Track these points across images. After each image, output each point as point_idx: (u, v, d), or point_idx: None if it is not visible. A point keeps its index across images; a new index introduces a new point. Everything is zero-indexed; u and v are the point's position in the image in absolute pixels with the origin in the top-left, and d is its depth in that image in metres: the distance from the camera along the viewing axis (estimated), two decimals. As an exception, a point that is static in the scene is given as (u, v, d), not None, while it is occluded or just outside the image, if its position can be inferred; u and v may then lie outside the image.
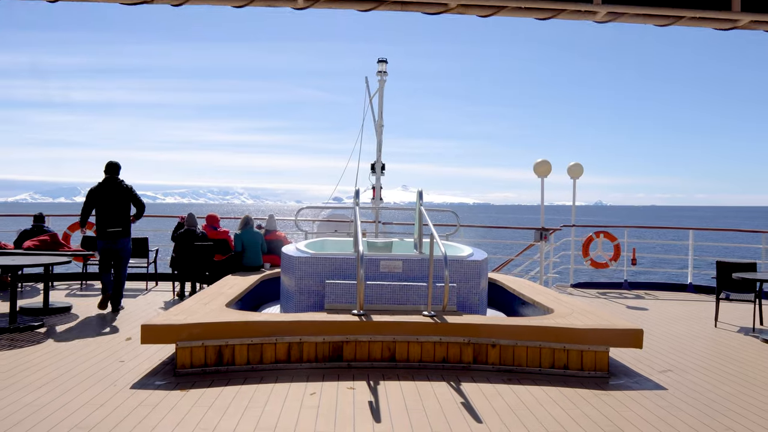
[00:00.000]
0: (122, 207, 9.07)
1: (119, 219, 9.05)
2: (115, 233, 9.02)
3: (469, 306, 7.18)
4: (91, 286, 11.45)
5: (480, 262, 7.28)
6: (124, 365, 6.10)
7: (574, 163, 12.73)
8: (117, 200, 9.03)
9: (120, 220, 9.05)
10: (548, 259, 12.54)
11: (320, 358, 6.01)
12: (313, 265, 7.13)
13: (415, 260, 7.18)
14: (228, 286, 8.39)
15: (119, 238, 9.08)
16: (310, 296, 7.11)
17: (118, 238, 9.07)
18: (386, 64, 12.61)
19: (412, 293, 6.84)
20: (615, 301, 11.11)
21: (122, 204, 9.07)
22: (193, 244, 10.17)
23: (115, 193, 9.05)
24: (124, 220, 9.09)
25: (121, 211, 9.07)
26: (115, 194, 9.05)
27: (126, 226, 9.12)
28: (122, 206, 9.07)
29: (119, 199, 9.04)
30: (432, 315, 6.34)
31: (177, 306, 6.64)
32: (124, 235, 9.12)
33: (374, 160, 12.85)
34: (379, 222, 12.60)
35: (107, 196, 9.02)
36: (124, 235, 9.13)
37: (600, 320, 6.37)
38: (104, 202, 9.00)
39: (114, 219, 9.01)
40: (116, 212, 9.03)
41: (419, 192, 7.69)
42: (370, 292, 6.82)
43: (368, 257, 7.15)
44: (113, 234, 9.01)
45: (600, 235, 12.63)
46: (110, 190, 9.05)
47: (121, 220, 9.06)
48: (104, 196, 9.02)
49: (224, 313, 6.26)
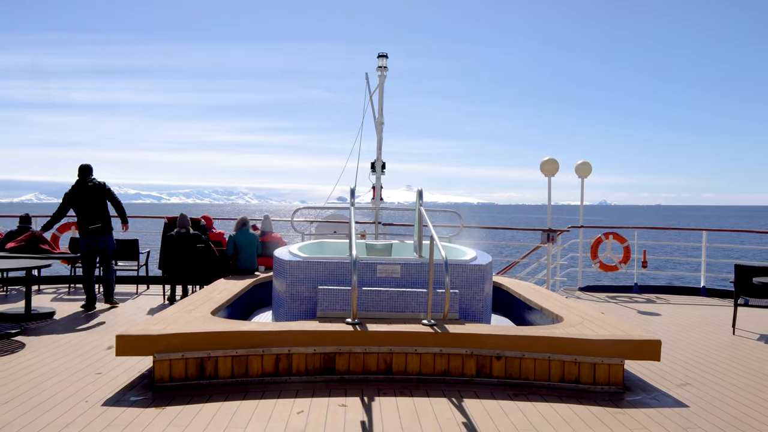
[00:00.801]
0: (98, 204, 9.27)
1: (98, 216, 9.25)
2: (96, 230, 9.22)
3: (472, 313, 6.71)
4: (80, 289, 11.01)
5: (484, 267, 6.81)
6: (101, 378, 5.66)
7: (582, 162, 12.24)
8: (92, 198, 9.23)
9: (99, 217, 9.25)
10: (555, 262, 12.05)
11: (311, 371, 5.56)
12: (305, 270, 6.67)
13: (414, 264, 6.71)
14: (218, 290, 7.95)
15: (101, 235, 9.27)
16: (302, 303, 6.65)
17: (100, 235, 9.26)
18: (386, 59, 12.15)
19: (411, 300, 6.38)
20: (625, 306, 10.63)
21: (98, 201, 9.26)
22: (184, 246, 9.73)
23: (90, 192, 9.25)
24: (102, 216, 9.29)
25: (98, 208, 9.26)
26: (90, 193, 9.25)
27: (105, 222, 9.31)
28: (98, 204, 9.27)
29: (94, 197, 9.24)
30: (432, 324, 5.88)
31: (158, 314, 6.20)
32: (105, 232, 9.31)
33: (374, 159, 12.39)
34: (379, 223, 12.13)
35: (82, 195, 9.23)
36: (106, 232, 9.32)
37: (614, 330, 5.90)
38: (81, 202, 9.21)
39: (93, 216, 9.22)
40: (93, 210, 9.23)
41: (419, 191, 7.20)
42: (366, 299, 6.36)
43: (364, 261, 6.69)
44: (95, 231, 9.21)
45: (609, 236, 12.14)
46: (84, 189, 9.25)
47: (99, 216, 9.26)
48: (79, 196, 9.23)
49: (208, 322, 5.81)
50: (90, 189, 9.23)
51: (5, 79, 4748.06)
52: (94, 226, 9.20)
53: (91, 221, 9.19)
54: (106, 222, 9.32)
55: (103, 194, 9.29)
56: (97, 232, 9.24)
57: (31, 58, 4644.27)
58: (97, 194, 9.24)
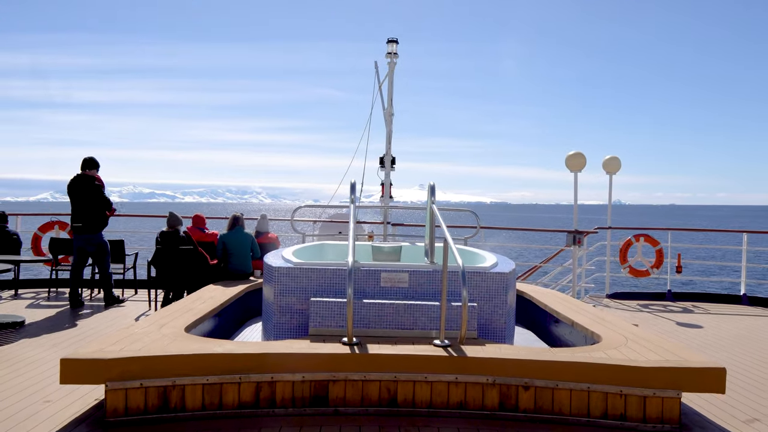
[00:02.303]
0: (86, 202, 8.98)
1: (83, 214, 8.98)
2: (77, 228, 9.03)
3: (493, 330, 5.70)
4: (62, 294, 10.12)
5: (507, 275, 5.79)
6: (48, 408, 4.72)
7: (611, 157, 11.17)
8: (82, 195, 8.98)
9: (83, 216, 8.98)
10: (581, 266, 10.99)
11: (298, 402, 4.58)
12: (296, 278, 5.68)
13: (424, 272, 5.71)
14: (202, 299, 7.01)
15: (83, 233, 9.02)
16: (293, 317, 5.67)
17: (82, 233, 9.03)
18: (397, 45, 11.17)
19: (421, 315, 5.38)
20: (660, 316, 9.57)
21: (86, 199, 8.98)
22: (173, 247, 8.78)
23: (81, 189, 9.00)
24: (87, 214, 8.98)
25: (85, 205, 8.98)
26: (81, 189, 9.01)
27: (88, 222, 8.99)
28: (86, 201, 8.98)
29: (84, 194, 8.99)
30: (446, 345, 4.89)
31: (121, 330, 5.25)
32: (87, 231, 9.02)
33: (383, 154, 11.41)
34: (388, 223, 11.14)
35: (75, 191, 9.01)
36: (88, 231, 9.02)
37: (667, 354, 4.87)
38: (73, 197, 9.03)
39: (77, 214, 8.99)
40: (81, 207, 8.99)
41: (431, 186, 6.17)
42: (367, 314, 5.37)
43: (366, 269, 5.69)
44: (76, 229, 9.04)
45: (640, 238, 11.07)
46: (77, 185, 9.02)
47: (84, 215, 8.98)
48: (73, 191, 9.02)
49: (176, 342, 4.84)
50: (83, 186, 8.97)
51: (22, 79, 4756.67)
52: (75, 225, 9.01)
53: (75, 219, 9.01)
54: (89, 222, 8.99)
55: (92, 193, 8.97)
56: (78, 230, 9.03)
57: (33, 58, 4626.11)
58: (87, 192, 8.96)
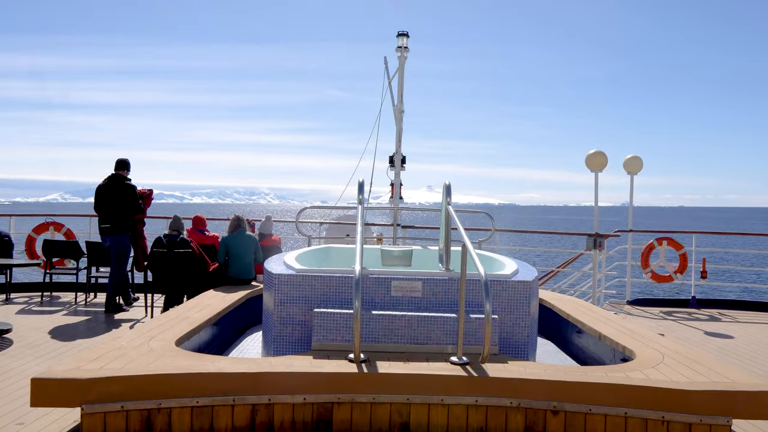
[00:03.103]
0: (116, 203, 8.86)
1: (111, 215, 8.85)
2: (103, 230, 8.88)
3: (515, 345, 5.18)
4: (56, 299, 9.67)
5: (529, 284, 5.26)
6: (22, 430, 4.24)
7: (632, 156, 10.61)
8: (114, 197, 8.88)
9: (111, 217, 8.85)
10: (601, 271, 10.43)
11: (299, 427, 4.08)
12: (299, 286, 5.17)
13: (440, 280, 5.19)
14: (200, 306, 6.53)
15: (108, 234, 8.87)
16: (294, 329, 5.16)
17: (107, 234, 8.87)
18: (407, 39, 10.66)
19: (436, 328, 4.86)
20: (686, 325, 9.02)
21: (117, 201, 8.87)
22: (172, 251, 8.29)
23: (113, 190, 8.91)
24: (115, 216, 8.85)
25: (115, 207, 8.86)
26: (113, 191, 8.91)
27: (116, 223, 8.84)
28: (116, 203, 8.87)
29: (116, 196, 8.88)
30: (464, 362, 4.38)
31: (105, 343, 4.77)
32: (113, 232, 8.85)
33: (393, 153, 10.91)
34: (398, 225, 10.63)
35: (106, 192, 8.92)
36: (114, 232, 8.85)
37: (711, 373, 4.34)
38: (103, 198, 8.92)
39: (106, 215, 8.87)
40: (110, 208, 8.87)
41: (446, 185, 5.64)
42: (376, 327, 4.85)
43: (375, 276, 5.17)
44: (103, 230, 8.89)
45: (663, 242, 10.51)
46: (110, 186, 8.94)
47: (112, 216, 8.85)
48: (104, 192, 8.93)
49: (164, 358, 4.35)
50: (116, 188, 8.92)
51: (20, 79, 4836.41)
52: (103, 226, 8.89)
53: (102, 220, 8.90)
54: (117, 223, 8.86)
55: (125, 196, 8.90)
56: (105, 231, 8.89)
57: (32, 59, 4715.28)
58: (120, 194, 8.88)
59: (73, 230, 10.70)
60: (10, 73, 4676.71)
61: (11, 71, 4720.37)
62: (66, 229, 10.54)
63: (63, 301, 9.45)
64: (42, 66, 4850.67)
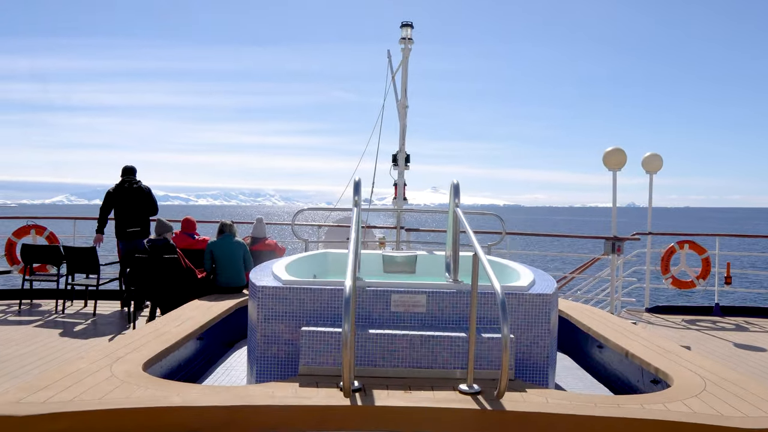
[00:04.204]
0: (140, 208, 9.08)
1: (138, 219, 9.02)
2: (134, 233, 8.91)
3: (532, 367, 4.52)
4: (36, 307, 9.06)
5: (549, 297, 4.60)
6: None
7: (651, 154, 9.94)
8: (135, 201, 9.03)
9: (138, 221, 9.02)
10: (618, 277, 9.75)
11: None
12: (285, 300, 4.52)
13: (447, 293, 4.53)
14: (181, 319, 5.91)
15: (137, 238, 8.82)
16: (280, 350, 4.51)
17: (136, 238, 8.83)
18: (411, 30, 10.04)
19: (443, 350, 4.20)
20: (711, 335, 8.35)
21: (140, 205, 9.07)
22: (158, 258, 7.67)
23: (133, 194, 9.06)
24: (142, 220, 9.08)
25: (139, 211, 9.06)
26: (133, 195, 9.06)
27: (144, 227, 9.09)
28: (140, 207, 9.08)
29: (137, 200, 9.05)
30: (475, 392, 3.74)
31: (62, 365, 4.15)
32: (143, 236, 8.85)
33: (396, 151, 10.29)
34: (402, 228, 9.99)
35: (125, 197, 9.03)
36: (144, 236, 8.85)
37: (763, 403, 3.69)
38: (122, 203, 9.01)
39: (132, 219, 8.97)
40: (134, 213, 9.01)
41: (454, 185, 4.98)
42: (373, 348, 4.21)
43: (373, 289, 4.52)
44: (132, 234, 8.91)
45: (684, 245, 9.82)
46: (128, 191, 9.07)
47: (139, 220, 9.04)
48: (122, 197, 9.03)
49: (125, 386, 3.72)
50: (135, 192, 9.07)
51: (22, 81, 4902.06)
52: (132, 230, 8.94)
53: (130, 224, 8.95)
54: (145, 227, 9.09)
55: (145, 199, 9.12)
56: (134, 235, 8.91)
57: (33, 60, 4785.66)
58: (140, 198, 9.08)
59: (57, 234, 10.11)
60: (11, 76, 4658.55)
61: (12, 73, 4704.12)
62: (48, 232, 9.95)
63: (42, 310, 8.85)
64: (43, 68, 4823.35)
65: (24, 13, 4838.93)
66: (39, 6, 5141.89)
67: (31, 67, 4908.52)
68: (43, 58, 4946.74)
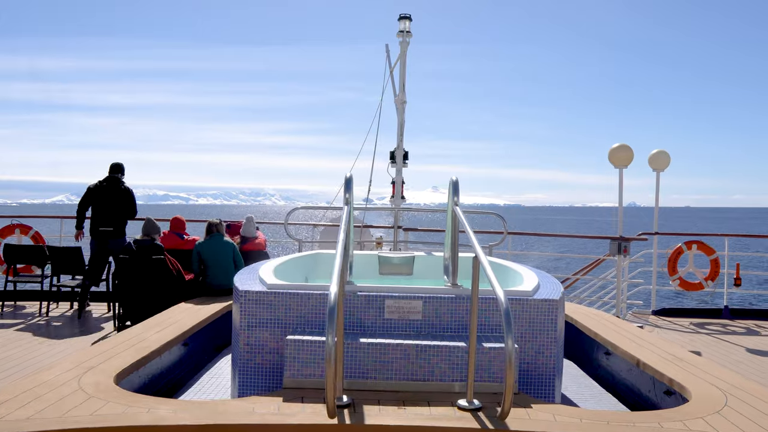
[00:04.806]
0: (116, 207, 8.75)
1: (112, 219, 8.70)
2: (105, 233, 8.62)
3: (537, 378, 4.18)
4: (20, 309, 8.73)
5: (555, 303, 4.26)
6: None
7: (658, 151, 9.60)
8: (112, 200, 8.73)
9: (112, 220, 8.69)
10: (624, 278, 9.40)
11: None
12: (270, 306, 4.18)
13: (445, 298, 4.19)
14: (165, 324, 5.59)
15: (110, 238, 8.61)
16: (264, 360, 4.17)
17: (109, 237, 8.60)
18: (409, 22, 9.70)
19: (440, 361, 3.86)
20: (722, 339, 8.02)
21: (116, 204, 8.76)
22: (144, 260, 7.33)
23: (111, 193, 8.77)
24: (116, 220, 8.73)
25: (115, 211, 8.74)
26: (111, 194, 8.76)
27: (118, 227, 8.73)
28: (116, 206, 8.76)
29: (114, 199, 8.75)
30: (476, 407, 3.40)
31: (23, 379, 3.82)
32: (116, 236, 8.66)
33: (394, 148, 9.95)
34: (399, 227, 9.67)
35: (103, 195, 8.75)
36: (117, 236, 8.67)
37: None
38: (99, 201, 8.73)
39: (106, 218, 8.67)
40: (109, 212, 8.70)
41: (453, 182, 4.63)
42: (365, 358, 3.87)
43: (366, 293, 4.18)
44: (104, 234, 8.62)
45: (692, 246, 9.48)
46: (107, 189, 8.78)
47: (113, 220, 8.71)
48: (101, 194, 8.76)
49: (92, 401, 3.39)
50: (115, 191, 8.79)
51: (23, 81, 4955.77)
52: (104, 229, 8.62)
53: (103, 223, 8.65)
54: (119, 227, 8.74)
55: (125, 200, 8.82)
56: (106, 234, 8.62)
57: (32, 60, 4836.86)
58: (120, 198, 8.78)
59: (43, 233, 9.78)
60: (11, 76, 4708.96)
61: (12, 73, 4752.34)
62: (34, 232, 9.62)
63: (26, 312, 8.53)
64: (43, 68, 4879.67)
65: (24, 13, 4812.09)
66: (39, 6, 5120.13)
67: (31, 67, 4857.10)
68: (43, 58, 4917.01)
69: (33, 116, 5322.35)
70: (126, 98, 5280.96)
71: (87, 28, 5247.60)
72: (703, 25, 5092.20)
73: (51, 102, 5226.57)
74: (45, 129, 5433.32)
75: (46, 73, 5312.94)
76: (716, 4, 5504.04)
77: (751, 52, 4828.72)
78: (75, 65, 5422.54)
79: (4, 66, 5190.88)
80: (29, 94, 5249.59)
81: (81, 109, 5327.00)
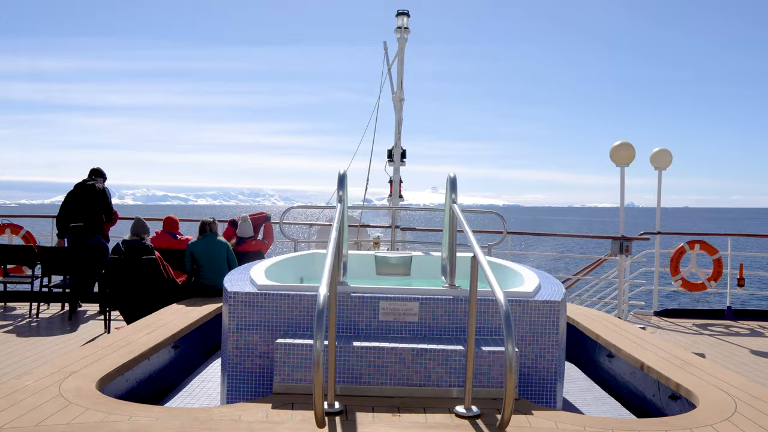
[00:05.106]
0: (88, 207, 8.69)
1: (82, 215, 8.61)
2: (76, 228, 8.53)
3: (538, 383, 4.02)
4: (10, 310, 8.57)
5: (557, 304, 4.09)
6: None
7: (660, 149, 9.44)
8: (85, 201, 8.71)
9: (83, 216, 8.59)
10: (626, 279, 9.24)
11: None
12: (260, 308, 4.02)
13: (442, 300, 4.03)
14: (155, 326, 5.42)
15: (80, 234, 8.52)
16: (254, 364, 4.01)
17: (79, 234, 8.52)
18: (407, 18, 9.54)
19: (437, 365, 3.70)
20: (725, 341, 7.86)
21: (89, 204, 8.70)
22: (134, 261, 7.15)
23: (86, 195, 8.76)
24: (87, 216, 8.61)
25: (87, 210, 8.65)
26: (86, 195, 8.75)
27: (89, 223, 8.59)
28: (88, 206, 8.69)
29: (88, 200, 8.72)
30: (474, 415, 3.24)
31: (8, 382, 3.66)
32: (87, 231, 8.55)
33: (392, 146, 9.80)
34: (397, 227, 9.50)
35: (78, 197, 8.74)
36: (88, 231, 8.56)
37: None
38: (75, 202, 8.72)
39: (77, 215, 8.60)
40: (81, 211, 8.63)
41: (450, 179, 4.46)
42: (358, 362, 3.71)
43: (360, 294, 4.01)
44: (75, 230, 8.53)
45: (695, 245, 9.32)
46: (82, 191, 8.78)
47: (83, 216, 8.60)
48: (76, 197, 8.75)
49: (72, 408, 3.23)
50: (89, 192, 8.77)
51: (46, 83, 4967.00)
52: (74, 225, 8.53)
53: (74, 220, 8.59)
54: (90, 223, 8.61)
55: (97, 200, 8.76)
56: (77, 230, 8.52)
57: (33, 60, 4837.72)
58: (91, 199, 8.73)
59: (35, 234, 9.62)
60: (11, 76, 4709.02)
61: (12, 73, 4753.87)
62: (25, 231, 9.46)
63: (16, 314, 8.36)
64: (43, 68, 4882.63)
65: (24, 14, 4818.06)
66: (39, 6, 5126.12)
67: (31, 67, 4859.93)
68: (44, 58, 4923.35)
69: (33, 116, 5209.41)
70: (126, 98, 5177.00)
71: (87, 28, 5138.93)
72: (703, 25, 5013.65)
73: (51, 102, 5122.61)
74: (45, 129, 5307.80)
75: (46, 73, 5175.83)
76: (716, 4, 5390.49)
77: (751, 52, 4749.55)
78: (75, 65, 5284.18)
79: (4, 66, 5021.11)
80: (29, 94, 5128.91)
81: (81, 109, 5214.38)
